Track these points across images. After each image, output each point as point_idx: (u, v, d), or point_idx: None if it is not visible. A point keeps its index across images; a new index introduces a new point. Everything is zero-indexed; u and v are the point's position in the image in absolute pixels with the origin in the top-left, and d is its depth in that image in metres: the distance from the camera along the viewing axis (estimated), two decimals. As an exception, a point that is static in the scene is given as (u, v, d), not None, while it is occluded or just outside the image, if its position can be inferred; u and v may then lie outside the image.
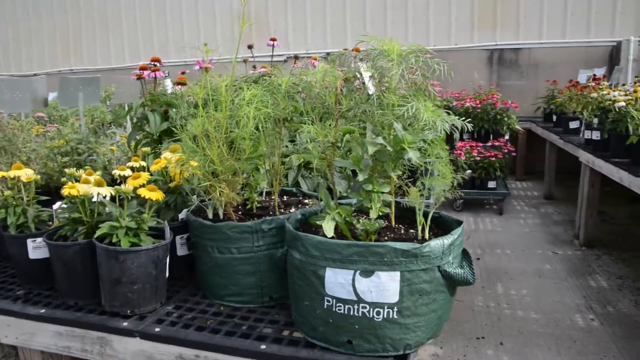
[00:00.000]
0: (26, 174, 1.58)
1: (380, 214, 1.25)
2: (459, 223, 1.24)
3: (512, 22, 7.45)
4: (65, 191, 1.43)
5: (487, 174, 5.38)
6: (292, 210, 1.59)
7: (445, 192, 1.23)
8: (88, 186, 1.47)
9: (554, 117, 6.03)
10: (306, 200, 1.69)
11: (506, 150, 5.53)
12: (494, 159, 5.39)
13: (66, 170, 1.55)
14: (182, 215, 1.60)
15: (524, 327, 3.07)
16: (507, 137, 5.88)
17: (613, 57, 6.93)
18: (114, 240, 1.33)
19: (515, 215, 5.43)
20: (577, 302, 3.41)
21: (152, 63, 2.08)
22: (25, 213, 1.58)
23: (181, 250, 1.61)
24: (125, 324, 1.34)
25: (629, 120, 3.52)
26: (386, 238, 1.27)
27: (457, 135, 1.23)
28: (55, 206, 1.62)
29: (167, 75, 2.43)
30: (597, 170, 4.05)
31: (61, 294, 1.50)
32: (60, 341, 1.42)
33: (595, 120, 4.19)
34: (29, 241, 1.54)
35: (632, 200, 5.67)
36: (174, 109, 2.03)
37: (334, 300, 1.12)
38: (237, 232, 1.36)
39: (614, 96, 3.78)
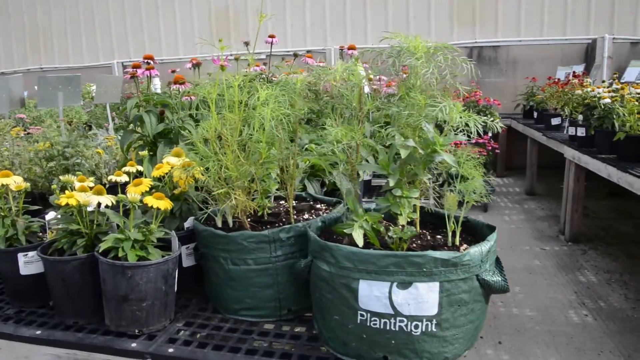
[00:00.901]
0: (15, 181, 1.45)
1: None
2: (492, 228, 1.19)
3: (491, 20, 7.53)
4: (62, 201, 1.31)
5: (473, 171, 5.40)
6: (306, 216, 1.51)
7: (477, 195, 1.17)
8: (87, 195, 1.35)
9: (535, 114, 6.12)
10: (318, 205, 1.61)
11: (490, 147, 5.58)
12: (478, 156, 5.42)
13: (61, 177, 1.43)
14: (187, 223, 1.50)
15: (520, 325, 3.07)
16: (490, 134, 5.94)
17: (589, 54, 7.09)
18: (120, 254, 1.23)
19: (500, 212, 5.48)
20: (570, 297, 3.45)
21: (145, 61, 1.96)
22: (14, 225, 1.45)
23: (187, 262, 1.51)
24: (134, 344, 1.23)
25: (614, 117, 3.57)
26: (414, 245, 1.21)
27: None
28: (48, 216, 1.49)
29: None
30: (582, 166, 4.11)
31: (59, 312, 1.38)
32: (59, 365, 1.31)
33: (580, 117, 4.25)
34: (20, 255, 1.41)
35: (610, 194, 5.82)
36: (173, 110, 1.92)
37: (369, 315, 1.05)
38: (254, 242, 1.28)
39: (599, 93, 3.83)
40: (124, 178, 1.65)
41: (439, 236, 1.27)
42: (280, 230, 1.29)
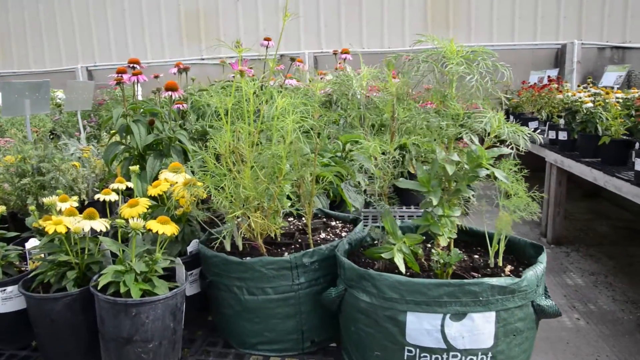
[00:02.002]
0: (-9, 207, 1.25)
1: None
2: (538, 248, 1.10)
3: (464, 25, 7.63)
4: (49, 229, 1.13)
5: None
6: (322, 235, 1.39)
7: (521, 213, 1.08)
8: (77, 219, 1.18)
9: (511, 118, 6.20)
10: (333, 222, 1.49)
11: (470, 151, 5.60)
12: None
13: (45, 200, 1.25)
14: (190, 247, 1.34)
15: (517, 332, 3.03)
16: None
17: (559, 59, 7.28)
18: (122, 289, 1.06)
19: (480, 216, 5.49)
20: (560, 301, 3.45)
21: (131, 65, 1.78)
22: (-11, 255, 1.25)
23: (190, 289, 1.36)
24: (139, 392, 1.07)
25: (597, 121, 3.61)
26: (453, 267, 1.10)
27: None
28: (28, 244, 1.30)
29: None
30: (564, 170, 4.16)
31: (45, 356, 1.20)
32: (48, 418, 1.13)
33: (561, 121, 4.30)
34: (-3, 291, 1.22)
35: (585, 196, 5.96)
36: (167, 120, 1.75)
37: (417, 350, 0.93)
38: (274, 269, 1.14)
39: (581, 98, 3.88)
40: (114, 197, 1.47)
41: (475, 256, 1.17)
42: (303, 254, 1.16)
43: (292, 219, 1.57)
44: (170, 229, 1.16)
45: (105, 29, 8.64)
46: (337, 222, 1.49)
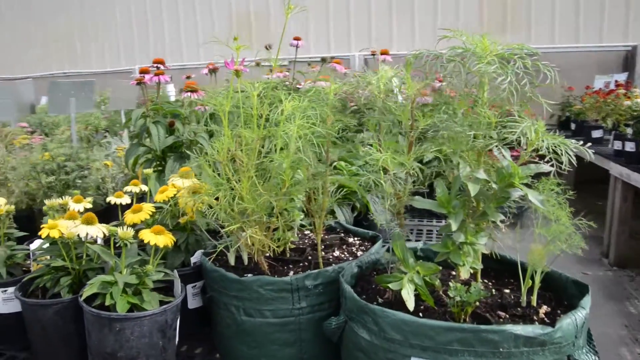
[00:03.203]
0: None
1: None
2: (582, 287, 0.92)
3: (523, 27, 7.18)
4: (43, 232, 1.08)
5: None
6: (336, 253, 1.26)
7: (561, 244, 0.90)
8: (74, 224, 1.13)
9: (573, 125, 5.74)
10: (350, 239, 1.35)
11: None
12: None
13: (46, 202, 1.21)
14: (195, 258, 1.26)
15: (567, 363, 2.74)
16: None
17: (628, 62, 6.67)
18: (108, 302, 0.99)
19: (515, 238, 5.11)
20: (620, 332, 3.09)
21: (155, 65, 1.74)
22: (-7, 255, 1.23)
23: (193, 302, 1.27)
24: (122, 413, 1.00)
25: (673, 132, 3.22)
26: (477, 304, 0.94)
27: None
28: (33, 246, 1.28)
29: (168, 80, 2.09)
30: (630, 184, 3.75)
31: (39, 364, 1.16)
32: None
33: (629, 131, 3.89)
34: (-1, 292, 1.19)
35: (656, 214, 5.39)
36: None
37: (423, 404, 0.78)
38: (273, 290, 1.03)
39: (654, 105, 3.48)
40: (125, 200, 1.43)
41: (506, 290, 1.00)
42: (305, 276, 1.04)
43: (308, 232, 1.45)
44: (163, 239, 1.08)
45: (160, 31, 8.95)
46: (356, 238, 1.36)
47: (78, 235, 1.11)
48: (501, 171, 0.85)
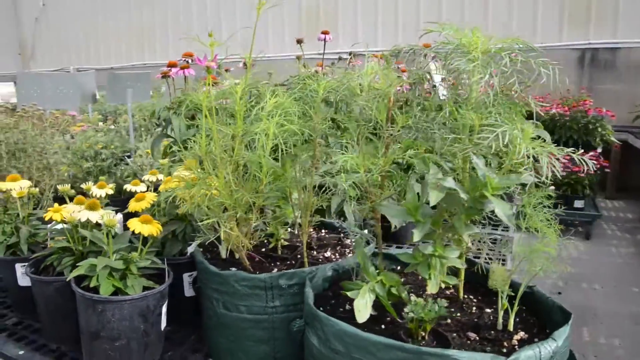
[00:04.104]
0: (21, 186, 1.35)
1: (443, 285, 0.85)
2: (564, 312, 0.82)
3: (609, 19, 6.52)
4: (47, 215, 1.17)
5: (574, 191, 4.67)
6: (328, 254, 1.23)
7: (546, 265, 0.81)
8: (78, 208, 1.20)
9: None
10: (347, 241, 1.32)
11: (598, 165, 4.77)
12: (582, 174, 4.67)
13: (59, 187, 1.30)
14: (190, 249, 1.30)
15: (619, 393, 2.48)
16: (599, 149, 5.10)
17: None
18: (92, 284, 1.05)
19: (606, 242, 4.67)
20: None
21: (184, 59, 1.80)
22: (18, 231, 1.35)
23: (190, 291, 1.31)
24: (102, 390, 1.05)
25: None
26: (448, 321, 0.87)
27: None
28: (49, 226, 1.38)
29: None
30: None
31: (44, 334, 1.26)
32: (36, 394, 1.18)
33: None
34: (18, 266, 1.31)
35: None
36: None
37: (364, 422, 0.74)
38: (247, 286, 1.03)
39: None
40: (141, 187, 1.50)
41: (487, 310, 0.92)
42: (279, 275, 1.02)
43: (311, 230, 1.43)
44: (149, 229, 1.11)
45: (233, 24, 9.27)
46: (353, 240, 1.32)
47: (79, 219, 1.18)
48: (474, 180, 0.78)
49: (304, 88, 1.04)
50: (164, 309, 1.14)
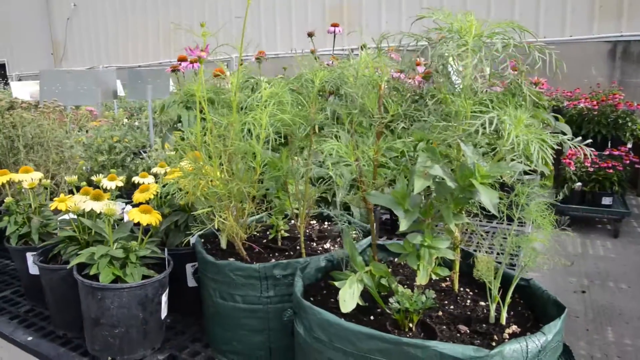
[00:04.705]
0: (32, 178, 1.40)
1: (436, 277, 0.83)
2: (559, 306, 0.78)
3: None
4: (52, 205, 1.20)
5: (602, 188, 4.50)
6: (327, 245, 1.22)
7: (541, 257, 0.78)
8: (84, 199, 1.23)
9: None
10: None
11: (628, 161, 4.59)
12: (611, 170, 4.50)
13: (66, 178, 1.34)
14: (192, 239, 1.31)
15: (643, 398, 2.39)
16: (629, 145, 4.90)
17: None
18: (92, 272, 1.07)
19: (635, 240, 4.48)
20: None
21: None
22: (29, 222, 1.40)
23: (192, 282, 1.33)
24: (102, 375, 1.08)
25: None
26: (440, 313, 0.85)
27: (567, 147, 0.79)
28: (59, 216, 1.42)
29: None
30: None
31: (52, 321, 1.30)
32: (43, 377, 1.22)
33: None
34: (29, 255, 1.35)
35: None
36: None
37: (346, 413, 0.73)
38: (242, 276, 1.03)
39: None
40: (149, 179, 1.52)
41: (482, 302, 0.89)
42: (274, 265, 1.02)
43: (314, 221, 1.43)
44: (148, 218, 1.13)
45: (257, 22, 9.33)
46: (354, 232, 1.30)
47: (84, 209, 1.21)
48: (463, 169, 0.75)
49: (300, 78, 1.03)
50: (164, 298, 1.16)
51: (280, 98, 0.98)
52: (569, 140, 0.80)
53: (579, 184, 4.51)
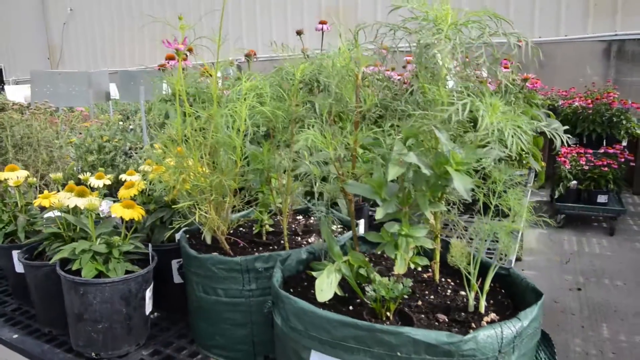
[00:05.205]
0: (17, 176, 1.39)
1: (414, 266, 0.83)
2: (537, 293, 0.78)
3: (637, 8, 6.26)
4: (36, 202, 1.20)
5: (597, 186, 4.51)
6: (312, 239, 1.22)
7: (508, 242, 0.77)
8: (67, 196, 1.23)
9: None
10: (334, 227, 1.30)
11: (623, 159, 4.59)
12: (606, 168, 4.50)
13: (52, 175, 1.33)
14: (178, 235, 1.31)
15: (637, 393, 2.38)
16: (624, 143, 4.91)
17: None
18: (74, 267, 1.07)
19: (631, 238, 4.49)
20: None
21: (185, 52, 1.82)
22: (16, 220, 1.40)
23: (178, 278, 1.32)
24: (85, 371, 1.07)
25: None
26: (419, 303, 0.85)
27: (559, 142, 0.79)
28: (45, 214, 1.42)
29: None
30: None
31: (37, 318, 1.29)
32: (29, 375, 1.21)
33: None
34: (15, 253, 1.35)
35: None
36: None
37: (322, 402, 0.73)
38: (224, 269, 1.03)
39: None
40: (136, 177, 1.52)
41: (463, 292, 0.89)
42: (255, 258, 1.02)
43: (300, 217, 1.42)
44: (131, 213, 1.13)
45: (253, 27, 9.35)
46: (339, 226, 1.30)
47: (67, 205, 1.20)
48: (438, 156, 0.75)
49: (280, 71, 1.03)
50: (148, 294, 1.16)
51: (260, 91, 0.98)
52: (545, 127, 0.80)
53: (575, 182, 4.52)
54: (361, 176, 0.91)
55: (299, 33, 2.09)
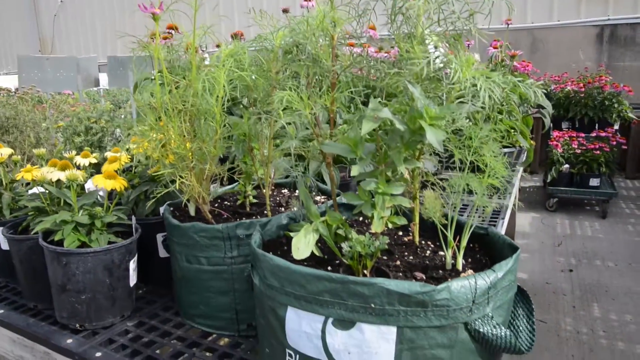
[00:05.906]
0: (1, 153, 1.39)
1: (392, 226, 0.83)
2: (513, 249, 0.79)
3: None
4: (18, 175, 1.20)
5: (589, 169, 4.52)
6: (295, 209, 1.22)
7: (491, 201, 0.78)
8: (50, 170, 1.22)
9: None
10: (317, 197, 1.31)
11: (615, 143, 4.61)
12: (598, 152, 4.52)
13: (35, 150, 1.33)
14: (162, 208, 1.30)
15: (625, 367, 2.41)
16: (616, 126, 4.92)
17: None
18: (57, 237, 1.07)
19: (623, 220, 4.52)
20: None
21: (168, 30, 1.81)
22: (1, 197, 1.39)
23: (164, 252, 1.32)
24: (69, 341, 1.08)
25: None
26: (398, 263, 0.85)
27: (548, 121, 0.79)
28: (30, 190, 1.41)
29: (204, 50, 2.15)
30: None
31: (23, 293, 1.29)
32: (15, 349, 1.21)
33: None
34: (0, 230, 1.34)
35: None
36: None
37: (297, 356, 0.73)
38: (206, 237, 1.03)
39: None
40: (122, 154, 1.52)
41: (442, 253, 0.89)
42: (237, 225, 1.02)
43: (285, 190, 1.42)
44: (112, 183, 1.13)
45: (230, 9, 9.24)
46: (323, 197, 1.31)
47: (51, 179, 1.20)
48: (412, 111, 0.75)
49: (260, 38, 1.02)
50: (132, 265, 1.16)
51: (239, 57, 0.97)
52: (525, 85, 0.80)
53: (567, 165, 4.53)
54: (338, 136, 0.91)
55: (285, 11, 2.08)
